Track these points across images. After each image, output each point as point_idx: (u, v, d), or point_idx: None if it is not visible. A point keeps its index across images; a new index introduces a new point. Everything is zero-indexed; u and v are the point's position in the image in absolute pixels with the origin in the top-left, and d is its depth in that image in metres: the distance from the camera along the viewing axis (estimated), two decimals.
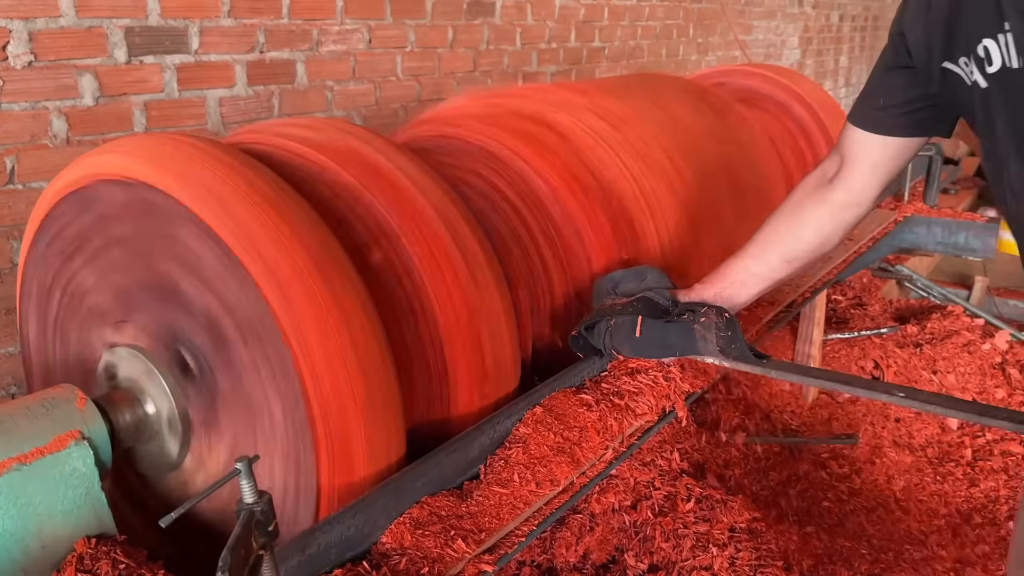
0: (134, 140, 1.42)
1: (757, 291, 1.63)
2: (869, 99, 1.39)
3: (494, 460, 1.41)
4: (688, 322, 1.55)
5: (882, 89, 1.35)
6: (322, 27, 2.86)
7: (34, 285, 1.59)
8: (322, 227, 1.33)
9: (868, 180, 1.44)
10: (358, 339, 1.27)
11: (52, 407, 1.23)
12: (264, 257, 1.22)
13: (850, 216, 1.50)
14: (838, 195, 1.48)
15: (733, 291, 1.62)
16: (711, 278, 1.65)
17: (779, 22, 6.59)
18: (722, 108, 2.67)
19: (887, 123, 1.36)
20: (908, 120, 1.33)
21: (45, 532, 1.17)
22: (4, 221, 2.11)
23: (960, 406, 1.35)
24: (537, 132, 1.97)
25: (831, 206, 1.49)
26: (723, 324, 1.53)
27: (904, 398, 1.37)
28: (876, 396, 1.44)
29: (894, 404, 1.42)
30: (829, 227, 1.52)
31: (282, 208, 1.28)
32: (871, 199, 1.48)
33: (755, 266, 1.60)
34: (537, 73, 4.04)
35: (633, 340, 1.58)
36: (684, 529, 1.88)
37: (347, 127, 1.65)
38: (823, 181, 1.51)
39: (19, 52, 2.06)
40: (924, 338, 3.23)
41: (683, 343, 1.56)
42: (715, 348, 1.53)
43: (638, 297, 1.62)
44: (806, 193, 1.54)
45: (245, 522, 0.89)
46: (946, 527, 2.40)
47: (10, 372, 2.21)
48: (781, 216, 1.57)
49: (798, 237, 1.55)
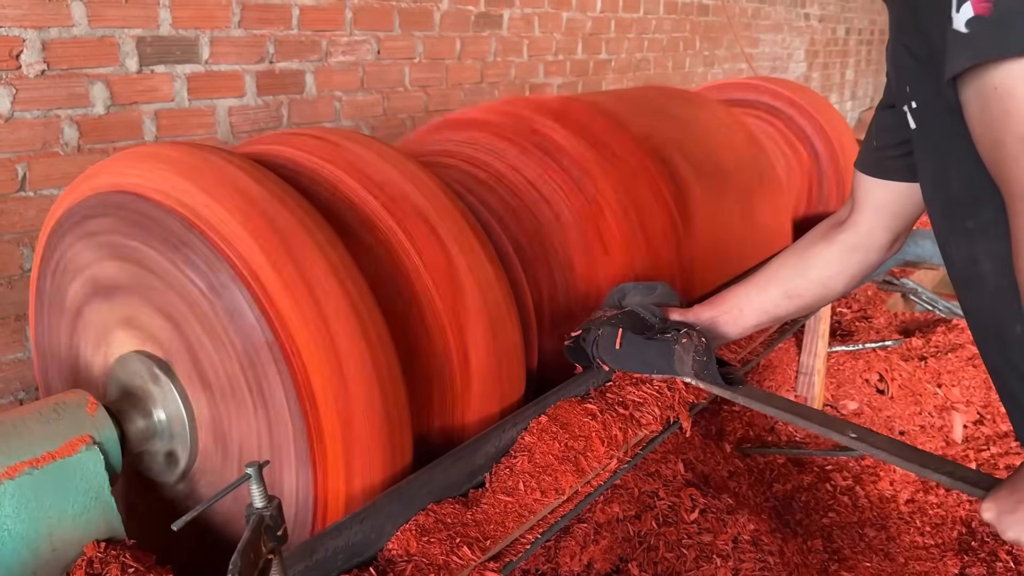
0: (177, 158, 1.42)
1: (754, 323, 1.63)
2: (868, 140, 1.39)
3: (499, 468, 1.42)
4: (670, 341, 1.57)
5: (876, 130, 1.35)
6: (331, 38, 2.88)
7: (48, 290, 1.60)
8: (331, 235, 1.34)
9: (873, 223, 1.43)
10: (368, 347, 1.28)
11: (63, 412, 1.25)
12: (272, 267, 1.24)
13: (856, 259, 1.48)
14: (847, 236, 1.47)
15: (730, 318, 1.63)
16: (712, 301, 1.66)
17: (785, 35, 6.62)
18: (727, 115, 2.69)
19: (883, 166, 1.35)
20: (903, 164, 1.31)
21: (56, 535, 1.18)
22: (15, 228, 2.13)
23: (905, 454, 1.32)
24: (541, 141, 1.99)
25: (839, 246, 1.48)
26: (701, 349, 1.54)
27: (855, 439, 1.37)
28: (829, 434, 1.43)
29: (843, 443, 1.42)
30: (835, 267, 1.50)
31: (279, 218, 1.30)
32: (880, 245, 1.45)
33: (756, 296, 1.60)
34: (544, 85, 4.06)
35: (614, 352, 1.59)
36: (688, 539, 1.89)
37: (356, 136, 1.67)
38: (835, 224, 1.51)
39: (32, 61, 2.09)
40: (929, 351, 3.24)
41: (661, 362, 1.58)
42: (690, 370, 1.55)
43: (625, 311, 1.64)
44: (819, 234, 1.54)
45: (255, 526, 0.90)
46: (950, 540, 2.40)
47: (18, 377, 2.23)
48: (791, 252, 1.58)
49: (802, 273, 1.54)
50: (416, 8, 3.21)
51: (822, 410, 3.01)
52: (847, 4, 7.87)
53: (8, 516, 1.14)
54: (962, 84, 0.90)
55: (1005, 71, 0.84)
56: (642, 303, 1.67)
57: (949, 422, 2.92)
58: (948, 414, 2.94)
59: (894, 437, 1.40)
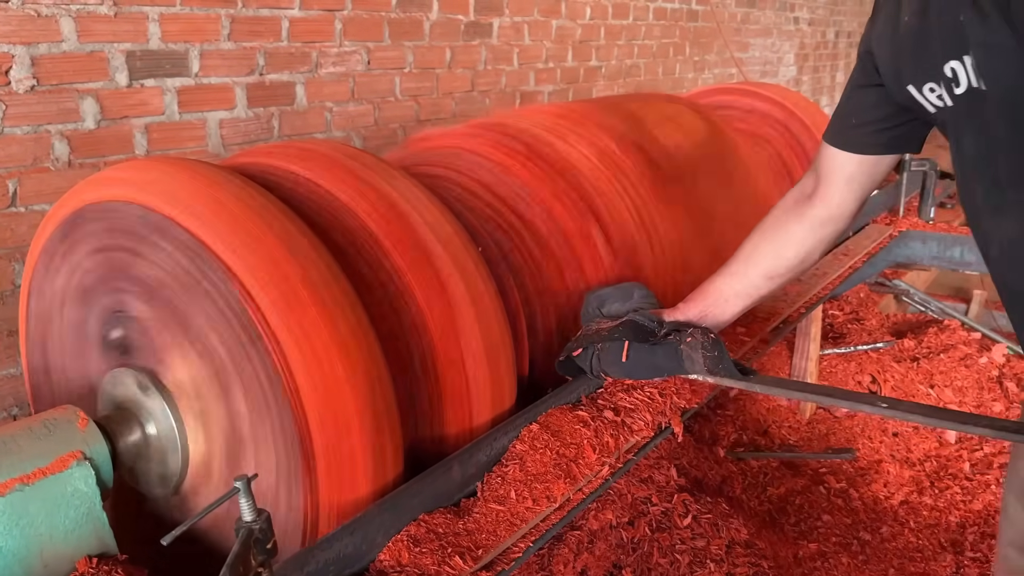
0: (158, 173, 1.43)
1: (740, 308, 1.66)
2: (842, 117, 1.41)
3: (491, 477, 1.42)
4: (675, 342, 1.57)
5: (854, 107, 1.38)
6: (321, 49, 2.89)
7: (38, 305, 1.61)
8: (318, 245, 1.35)
9: (845, 196, 1.47)
10: (356, 357, 1.29)
11: (54, 428, 1.25)
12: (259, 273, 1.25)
13: (829, 231, 1.53)
14: (817, 211, 1.50)
15: (717, 310, 1.65)
16: (694, 297, 1.67)
17: (775, 39, 6.65)
18: (714, 120, 2.70)
19: (861, 141, 1.39)
20: (882, 138, 1.35)
21: (47, 551, 1.18)
22: (6, 243, 2.13)
23: (941, 415, 1.37)
24: (527, 151, 2.00)
25: (811, 222, 1.51)
26: (709, 344, 1.55)
27: (887, 408, 1.39)
28: (858, 407, 1.47)
29: (877, 415, 1.44)
30: (810, 243, 1.54)
31: (274, 225, 1.31)
32: (849, 214, 1.50)
33: (737, 284, 1.63)
34: (534, 92, 4.08)
35: (620, 365, 1.60)
36: (681, 545, 1.90)
37: (345, 149, 1.68)
38: (802, 198, 1.53)
39: (22, 77, 2.09)
40: (921, 352, 3.25)
41: (671, 364, 1.58)
42: (702, 367, 1.56)
43: (624, 321, 1.64)
44: (785, 210, 1.56)
45: (244, 540, 0.91)
46: (945, 541, 2.40)
47: (11, 393, 2.23)
48: (762, 234, 1.60)
49: (779, 254, 1.57)
50: (406, 18, 3.22)
51: (815, 412, 3.01)
52: (836, 7, 7.91)
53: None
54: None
55: None
56: (636, 308, 1.68)
57: None
58: None
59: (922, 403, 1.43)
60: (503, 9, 3.75)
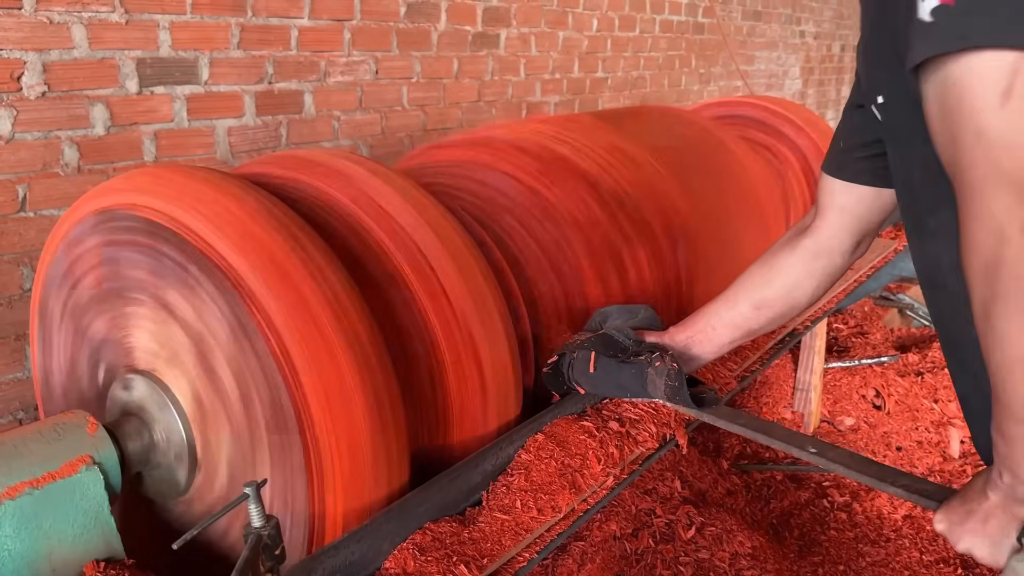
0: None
1: (728, 339, 1.62)
2: (835, 142, 1.36)
3: (496, 486, 1.43)
4: (643, 364, 1.58)
5: (843, 129, 1.33)
6: (330, 58, 2.91)
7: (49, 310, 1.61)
8: (327, 251, 1.36)
9: (836, 228, 1.40)
10: (366, 366, 1.29)
11: (63, 432, 1.26)
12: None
13: (820, 265, 1.46)
14: (808, 242, 1.44)
15: (703, 337, 1.63)
16: (686, 323, 1.66)
17: (781, 52, 6.67)
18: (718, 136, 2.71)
19: (850, 168, 1.33)
20: (869, 166, 1.29)
21: (55, 555, 1.19)
22: (15, 248, 2.15)
23: (863, 468, 1.32)
24: (539, 155, 2.01)
25: (801, 253, 1.46)
26: (673, 373, 1.55)
27: (814, 454, 1.38)
28: (790, 449, 1.44)
29: (804, 459, 1.43)
30: (797, 274, 1.48)
31: (285, 233, 1.32)
32: (842, 249, 1.43)
33: (726, 312, 1.59)
34: (541, 103, 4.09)
35: (588, 375, 1.60)
36: (685, 556, 1.90)
37: (354, 158, 1.69)
38: (800, 229, 1.49)
39: (33, 83, 2.11)
40: (925, 366, 3.25)
41: (634, 385, 1.59)
42: (662, 393, 1.57)
43: (599, 334, 1.65)
44: (784, 241, 1.52)
45: (253, 546, 0.91)
46: (948, 556, 2.40)
47: (18, 397, 2.24)
48: (757, 263, 1.57)
49: (767, 283, 1.53)
50: (414, 28, 3.24)
51: (819, 425, 3.01)
52: (842, 21, 7.92)
53: (8, 536, 1.15)
54: (923, 75, 0.87)
55: (964, 64, 0.81)
56: (619, 326, 1.68)
57: (946, 437, 2.93)
58: (945, 429, 2.95)
59: (857, 452, 1.41)
60: (510, 20, 3.77)
